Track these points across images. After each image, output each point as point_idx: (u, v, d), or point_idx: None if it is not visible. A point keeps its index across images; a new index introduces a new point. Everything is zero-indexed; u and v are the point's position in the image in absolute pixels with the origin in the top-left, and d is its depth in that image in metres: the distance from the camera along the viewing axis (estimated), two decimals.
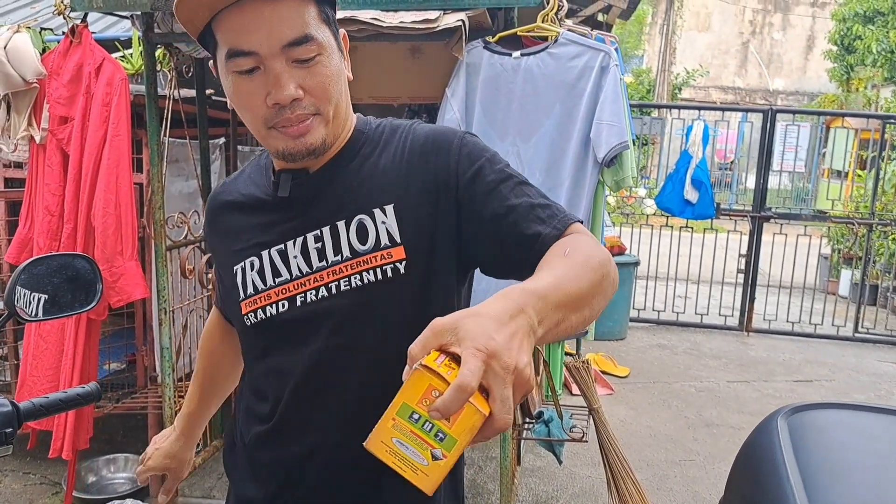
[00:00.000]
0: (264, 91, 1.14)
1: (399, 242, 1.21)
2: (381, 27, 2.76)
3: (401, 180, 1.23)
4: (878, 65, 15.53)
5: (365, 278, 1.21)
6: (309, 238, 1.25)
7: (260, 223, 1.30)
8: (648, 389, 5.64)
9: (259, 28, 1.11)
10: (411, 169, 1.24)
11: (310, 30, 1.13)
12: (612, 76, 2.72)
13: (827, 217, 8.00)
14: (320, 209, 1.25)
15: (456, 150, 1.23)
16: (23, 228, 3.46)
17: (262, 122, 1.17)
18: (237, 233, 1.34)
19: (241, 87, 1.16)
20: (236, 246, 1.33)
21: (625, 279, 6.80)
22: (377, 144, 1.28)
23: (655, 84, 20.10)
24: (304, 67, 1.14)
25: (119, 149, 3.20)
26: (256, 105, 1.16)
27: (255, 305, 1.29)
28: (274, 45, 1.11)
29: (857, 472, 1.68)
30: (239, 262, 1.32)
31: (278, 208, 1.28)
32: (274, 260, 1.27)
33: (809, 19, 23.65)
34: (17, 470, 3.96)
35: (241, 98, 1.18)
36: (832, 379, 6.11)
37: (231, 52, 1.13)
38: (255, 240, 1.30)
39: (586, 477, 4.14)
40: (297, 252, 1.25)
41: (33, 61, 3.26)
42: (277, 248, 1.27)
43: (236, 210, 1.35)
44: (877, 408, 2.08)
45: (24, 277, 1.48)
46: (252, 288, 1.29)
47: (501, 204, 1.19)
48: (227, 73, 1.17)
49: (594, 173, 2.78)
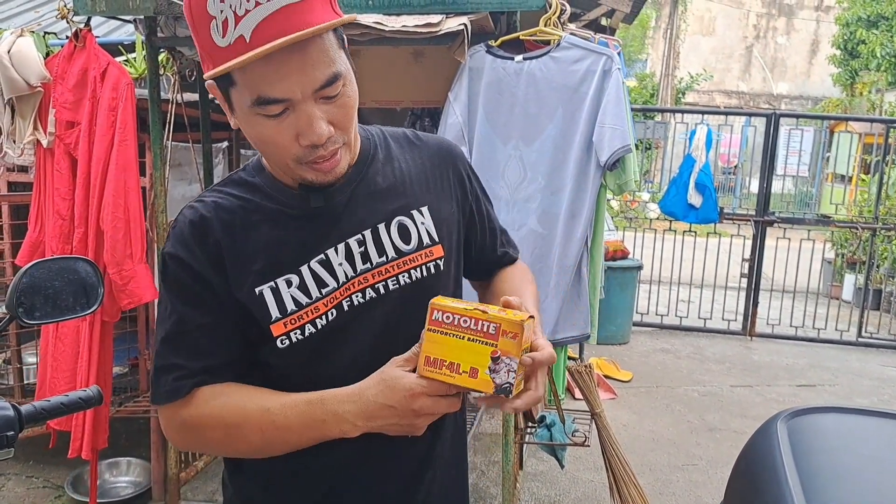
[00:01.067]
0: (294, 131, 1.13)
1: (438, 241, 1.33)
2: (384, 31, 2.77)
3: (427, 183, 1.37)
4: (882, 69, 15.53)
5: (413, 276, 1.29)
6: (352, 243, 1.26)
7: (290, 238, 1.24)
8: (651, 394, 5.63)
9: (289, 75, 1.08)
10: (433, 174, 1.38)
11: (336, 67, 1.12)
12: (614, 80, 2.72)
13: (830, 221, 7.99)
14: (356, 215, 1.27)
15: (463, 161, 1.45)
16: (33, 232, 3.47)
17: (293, 158, 1.16)
18: (254, 253, 1.23)
19: (267, 128, 1.13)
20: (255, 266, 1.23)
21: (628, 283, 6.79)
22: (387, 149, 1.37)
23: (659, 88, 20.10)
24: (331, 102, 1.14)
25: (126, 153, 3.21)
26: (286, 144, 1.14)
27: (298, 323, 1.22)
28: (307, 91, 1.10)
29: (856, 476, 1.68)
30: (265, 283, 1.22)
31: (309, 220, 1.25)
32: (317, 272, 1.24)
33: (813, 23, 23.64)
34: (20, 474, 3.97)
35: (267, 137, 1.15)
36: (835, 383, 6.10)
37: (260, 100, 1.10)
38: (286, 256, 1.24)
39: (588, 481, 4.13)
40: (341, 259, 1.25)
41: (37, 65, 3.27)
42: (318, 259, 1.24)
43: (244, 230, 1.24)
44: (876, 412, 2.08)
45: (26, 281, 1.48)
46: (293, 304, 1.22)
47: (490, 220, 1.51)
48: (250, 115, 1.13)
49: (597, 177, 2.78)
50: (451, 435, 1.43)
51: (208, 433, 1.22)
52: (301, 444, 1.20)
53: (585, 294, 2.87)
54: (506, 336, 1.07)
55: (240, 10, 1.05)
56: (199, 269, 1.22)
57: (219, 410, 1.20)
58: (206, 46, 1.10)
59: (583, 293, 2.86)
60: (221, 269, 1.22)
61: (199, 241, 1.23)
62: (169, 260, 1.24)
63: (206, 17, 1.07)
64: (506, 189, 2.87)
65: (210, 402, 1.21)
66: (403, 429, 1.14)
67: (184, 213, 1.27)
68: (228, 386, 1.23)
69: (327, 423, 1.16)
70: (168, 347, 1.23)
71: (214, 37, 1.07)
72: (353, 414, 1.14)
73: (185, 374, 1.21)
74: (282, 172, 1.25)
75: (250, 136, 1.18)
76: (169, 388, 1.22)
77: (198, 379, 1.21)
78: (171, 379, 1.21)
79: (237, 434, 1.20)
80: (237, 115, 1.16)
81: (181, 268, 1.22)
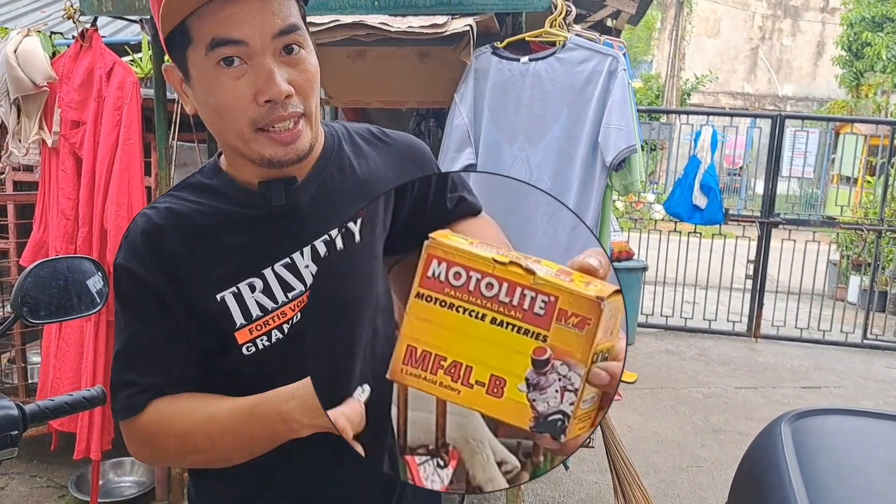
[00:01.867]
0: (252, 89, 1.08)
1: None
2: (390, 32, 2.77)
3: (395, 180, 1.29)
4: (887, 71, 15.49)
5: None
6: (318, 245, 1.20)
7: (251, 241, 1.19)
8: (656, 395, 5.62)
9: (249, 19, 1.05)
10: (402, 173, 1.30)
11: (296, 20, 1.10)
12: (620, 80, 2.72)
13: (836, 223, 7.97)
14: (322, 215, 1.21)
15: (430, 157, 1.37)
16: (37, 232, 3.48)
17: (250, 123, 1.10)
18: (213, 259, 1.17)
19: (225, 84, 1.08)
20: (216, 272, 1.17)
21: (633, 284, 6.78)
22: (352, 144, 1.30)
23: (664, 89, 20.10)
24: (290, 63, 1.10)
25: (131, 152, 3.22)
26: (243, 104, 1.08)
27: (264, 329, 1.18)
28: (265, 35, 1.06)
29: (861, 478, 1.68)
30: (227, 288, 1.16)
31: (273, 221, 1.19)
32: (282, 275, 1.18)
33: (819, 25, 23.60)
34: (23, 473, 3.97)
35: (224, 97, 1.09)
36: (840, 385, 6.08)
37: (215, 41, 1.05)
38: (248, 260, 1.18)
39: (593, 483, 4.13)
40: (308, 261, 1.19)
41: (43, 65, 3.28)
42: (283, 263, 1.18)
43: (201, 236, 1.18)
44: (881, 413, 2.08)
45: (31, 280, 1.48)
46: (259, 310, 1.17)
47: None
48: (205, 70, 1.08)
49: (602, 177, 2.78)
50: None
51: (164, 444, 1.18)
52: (254, 449, 1.14)
53: None
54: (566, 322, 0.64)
55: None
56: (152, 281, 1.16)
57: (168, 421, 1.16)
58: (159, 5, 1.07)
59: None
60: (177, 280, 1.16)
61: (153, 251, 1.17)
62: (121, 272, 1.18)
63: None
64: None
65: (163, 414, 1.16)
66: None
67: (136, 222, 1.20)
68: (182, 396, 1.18)
69: (274, 424, 1.09)
70: (122, 363, 1.19)
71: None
72: (298, 411, 1.06)
73: (139, 390, 1.17)
74: (241, 162, 1.18)
75: (208, 106, 1.12)
76: (125, 405, 1.17)
77: (152, 393, 1.16)
78: (126, 396, 1.17)
79: (189, 443, 1.15)
80: (194, 81, 1.11)
81: (133, 280, 1.17)
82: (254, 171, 1.18)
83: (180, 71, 1.13)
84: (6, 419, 1.37)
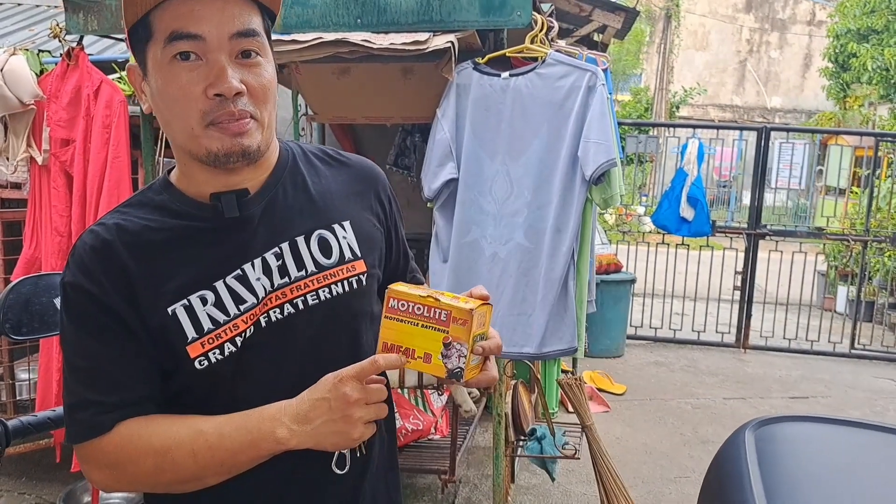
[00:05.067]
0: (204, 83, 1.10)
1: (360, 256, 1.30)
2: (372, 48, 2.81)
3: (349, 199, 1.34)
4: (873, 82, 15.60)
5: (333, 290, 1.25)
6: (269, 257, 1.21)
7: (202, 253, 1.18)
8: (645, 406, 5.64)
9: (209, 17, 1.09)
10: (356, 192, 1.36)
11: (255, 26, 1.14)
12: (598, 95, 2.75)
13: (822, 234, 8.03)
14: (273, 227, 1.23)
15: (385, 184, 1.43)
16: (28, 249, 3.50)
17: (200, 116, 1.11)
18: (165, 273, 1.16)
19: (178, 76, 1.10)
20: (167, 286, 1.15)
21: (621, 296, 6.81)
22: (307, 162, 1.33)
23: (653, 102, 20.20)
24: (246, 66, 1.13)
25: (120, 170, 3.25)
26: (194, 97, 1.10)
27: (216, 342, 1.16)
28: (223, 34, 1.10)
29: (820, 484, 1.70)
30: (178, 301, 1.15)
31: (224, 234, 1.19)
32: (233, 287, 1.18)
33: (806, 38, 23.78)
34: (12, 490, 3.96)
35: (176, 90, 1.11)
36: (828, 395, 6.11)
37: (174, 35, 1.09)
38: (199, 273, 1.17)
39: (581, 494, 4.14)
40: (259, 274, 1.19)
41: (30, 84, 3.31)
42: (235, 275, 1.18)
43: (151, 251, 1.16)
44: (843, 420, 2.11)
45: (13, 297, 1.51)
46: (210, 323, 1.16)
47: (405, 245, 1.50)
48: (161, 64, 1.11)
49: (582, 191, 2.81)
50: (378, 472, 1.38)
51: (138, 465, 1.13)
52: (234, 465, 1.13)
53: (572, 308, 2.89)
54: (456, 323, 1.13)
55: None
56: (105, 299, 1.13)
57: (147, 439, 1.12)
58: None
59: (569, 307, 2.88)
60: (131, 296, 1.14)
61: (103, 268, 1.14)
62: (71, 290, 1.14)
63: None
64: (493, 204, 2.89)
65: (137, 432, 1.13)
66: (340, 432, 1.10)
67: (83, 239, 1.17)
68: (155, 416, 1.16)
69: (263, 432, 1.10)
70: (80, 383, 1.15)
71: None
72: (290, 416, 1.11)
73: (103, 409, 1.13)
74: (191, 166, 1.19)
75: (161, 99, 1.14)
76: (88, 425, 1.13)
77: (118, 413, 1.13)
78: (90, 415, 1.13)
79: (168, 462, 1.12)
80: (150, 76, 1.14)
81: (85, 299, 1.13)
82: (205, 178, 1.19)
83: (139, 67, 1.17)
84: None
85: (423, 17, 2.78)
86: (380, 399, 1.12)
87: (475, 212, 2.92)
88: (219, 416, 1.14)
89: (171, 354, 1.16)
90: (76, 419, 1.15)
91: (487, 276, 2.92)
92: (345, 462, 1.27)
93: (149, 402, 1.17)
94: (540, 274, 2.87)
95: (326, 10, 2.80)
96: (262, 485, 1.22)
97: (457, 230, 2.95)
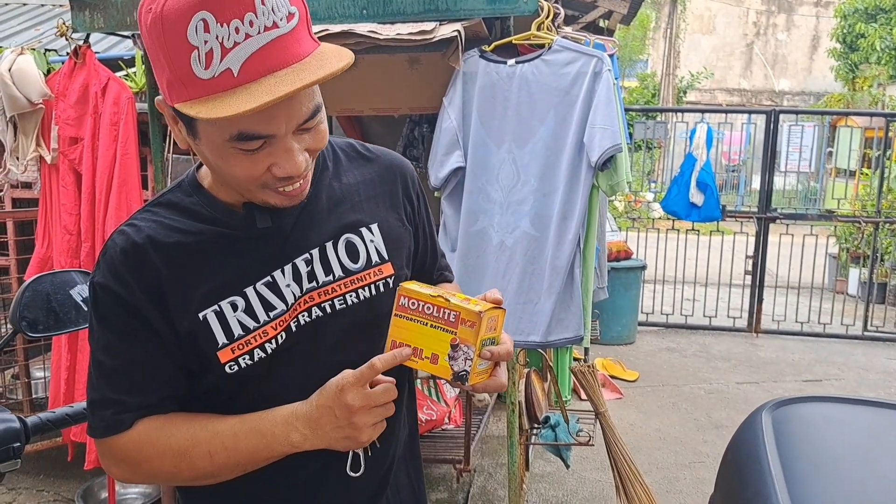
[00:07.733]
0: (268, 162, 1.08)
1: (387, 259, 1.30)
2: (379, 39, 2.79)
3: (377, 199, 1.33)
4: (882, 62, 15.50)
5: (360, 295, 1.26)
6: (299, 263, 1.21)
7: (233, 260, 1.18)
8: (657, 392, 5.64)
9: (279, 115, 1.04)
10: (384, 189, 1.35)
11: (317, 98, 1.10)
12: (605, 81, 2.74)
13: (833, 216, 7.98)
14: (304, 233, 1.23)
15: (413, 178, 1.41)
16: (41, 248, 3.52)
17: (258, 183, 1.11)
18: (195, 278, 1.16)
19: (240, 161, 1.07)
20: (198, 291, 1.16)
21: (632, 283, 6.81)
22: (336, 162, 1.32)
23: (660, 88, 20.10)
24: (308, 130, 1.10)
25: (129, 167, 3.26)
26: (256, 172, 1.09)
27: (246, 348, 1.17)
28: (292, 126, 1.06)
29: (838, 464, 1.71)
30: (209, 307, 1.16)
31: (255, 241, 1.20)
32: (263, 294, 1.18)
33: (813, 19, 23.61)
34: (31, 488, 4.00)
35: (237, 170, 1.09)
36: (842, 378, 6.10)
37: (242, 136, 1.04)
38: (230, 279, 1.18)
39: (595, 481, 4.15)
40: (289, 280, 1.20)
41: (38, 83, 3.32)
42: (265, 282, 1.19)
43: (182, 255, 1.17)
44: (859, 400, 2.11)
45: (28, 295, 1.52)
46: (240, 329, 1.17)
47: (434, 241, 1.49)
48: (220, 146, 1.06)
49: (588, 178, 2.80)
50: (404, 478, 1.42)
51: (154, 463, 1.16)
52: (249, 464, 1.16)
53: (578, 296, 2.88)
54: (464, 325, 1.12)
55: (227, 42, 0.98)
56: (133, 302, 1.14)
57: (166, 440, 1.15)
58: (182, 75, 1.01)
59: (575, 295, 2.87)
60: (160, 300, 1.15)
61: (134, 271, 1.14)
62: (100, 291, 1.16)
63: (185, 47, 0.99)
64: (500, 192, 2.89)
65: (156, 433, 1.16)
66: (347, 437, 1.13)
67: (113, 240, 1.17)
68: (173, 415, 1.18)
69: (277, 436, 1.13)
70: (104, 381, 1.17)
71: (195, 68, 0.99)
72: (302, 421, 1.13)
73: (124, 408, 1.16)
74: (232, 192, 1.19)
75: (213, 165, 1.12)
76: (109, 422, 1.16)
77: (139, 412, 1.16)
78: (111, 413, 1.16)
79: (185, 462, 1.15)
80: (201, 142, 1.09)
81: (114, 300, 1.14)
82: (237, 197, 1.19)
83: (184, 124, 1.10)
84: (8, 431, 1.40)
85: (429, 7, 2.77)
86: (386, 400, 1.13)
87: (482, 200, 2.92)
88: (233, 417, 1.17)
89: (199, 358, 1.18)
90: (97, 415, 1.18)
91: (495, 265, 2.92)
92: (359, 464, 1.28)
93: (169, 401, 1.19)
94: (546, 262, 2.86)
95: (332, 2, 2.80)
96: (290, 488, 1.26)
97: (465, 219, 2.94)
